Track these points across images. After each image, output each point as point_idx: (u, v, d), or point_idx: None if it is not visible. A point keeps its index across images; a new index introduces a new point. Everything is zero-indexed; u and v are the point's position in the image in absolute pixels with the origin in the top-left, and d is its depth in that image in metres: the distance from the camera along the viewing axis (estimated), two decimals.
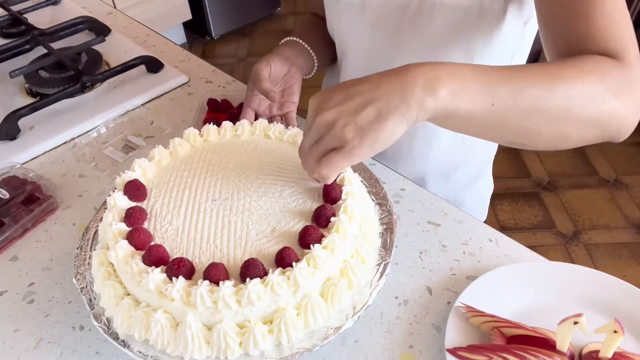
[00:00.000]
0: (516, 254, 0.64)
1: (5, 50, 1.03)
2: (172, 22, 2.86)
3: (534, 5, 0.65)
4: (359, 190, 0.62)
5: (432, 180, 0.86)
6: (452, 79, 0.46)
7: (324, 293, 0.52)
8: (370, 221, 0.61)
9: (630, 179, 2.10)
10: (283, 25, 3.27)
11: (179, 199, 0.60)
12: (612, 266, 1.78)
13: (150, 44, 1.12)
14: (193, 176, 0.63)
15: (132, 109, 0.92)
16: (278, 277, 0.49)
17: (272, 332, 0.50)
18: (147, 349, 0.51)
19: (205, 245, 0.54)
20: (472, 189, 0.91)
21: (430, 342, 0.56)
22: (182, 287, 0.49)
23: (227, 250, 0.54)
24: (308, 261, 0.50)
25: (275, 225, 0.56)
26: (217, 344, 0.49)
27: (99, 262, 0.56)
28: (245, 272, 0.49)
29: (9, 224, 0.68)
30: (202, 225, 0.57)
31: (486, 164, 0.93)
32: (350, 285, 0.54)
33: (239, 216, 0.57)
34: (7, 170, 0.76)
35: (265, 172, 0.62)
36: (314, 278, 0.50)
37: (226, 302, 0.48)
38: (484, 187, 0.96)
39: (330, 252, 0.52)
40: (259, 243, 0.54)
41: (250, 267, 0.49)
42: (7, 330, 0.59)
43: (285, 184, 0.61)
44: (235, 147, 0.67)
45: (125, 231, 0.55)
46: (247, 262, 0.50)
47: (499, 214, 1.99)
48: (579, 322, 0.47)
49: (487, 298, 0.56)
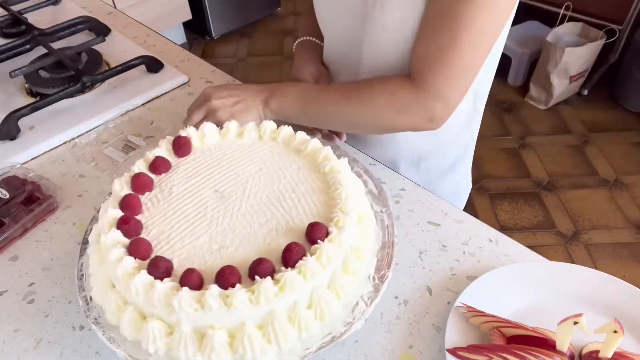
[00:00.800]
0: (516, 254, 0.64)
1: (5, 50, 1.03)
2: (172, 22, 2.86)
3: None
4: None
5: (403, 165, 0.87)
6: (280, 98, 0.74)
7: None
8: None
9: (630, 179, 2.10)
10: (283, 25, 3.27)
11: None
12: (612, 266, 1.78)
13: (150, 44, 1.12)
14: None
15: (132, 109, 0.92)
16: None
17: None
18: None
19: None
20: (445, 181, 0.91)
21: (430, 342, 0.56)
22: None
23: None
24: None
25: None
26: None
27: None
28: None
29: (9, 224, 0.68)
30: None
31: (461, 158, 0.92)
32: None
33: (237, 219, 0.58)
34: (7, 170, 0.76)
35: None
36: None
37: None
38: (460, 183, 0.95)
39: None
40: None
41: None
42: (7, 330, 0.59)
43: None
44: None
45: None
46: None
47: (499, 214, 1.99)
48: (579, 322, 0.47)
49: (487, 298, 0.56)
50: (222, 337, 0.48)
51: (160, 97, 0.95)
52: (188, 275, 0.50)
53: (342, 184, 0.59)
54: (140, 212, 0.59)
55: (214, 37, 3.11)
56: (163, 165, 0.64)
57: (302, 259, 0.51)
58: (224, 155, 0.67)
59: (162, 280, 0.50)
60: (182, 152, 0.66)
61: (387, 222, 0.63)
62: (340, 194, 0.58)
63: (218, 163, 0.65)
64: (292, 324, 0.50)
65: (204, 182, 0.63)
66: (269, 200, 0.60)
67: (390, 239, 0.61)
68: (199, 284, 0.50)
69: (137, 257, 0.53)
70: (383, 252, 0.59)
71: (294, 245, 0.51)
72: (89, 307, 0.55)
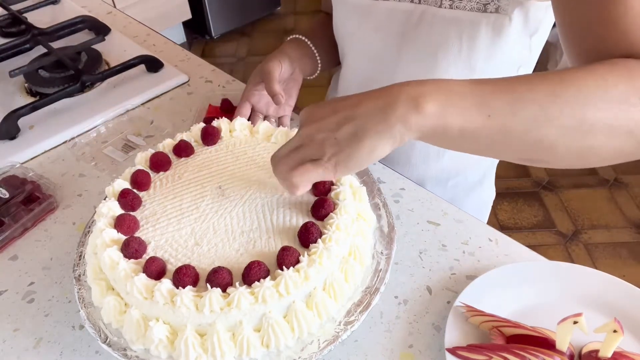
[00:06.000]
0: (516, 254, 0.64)
1: (5, 50, 1.03)
2: (172, 21, 2.86)
3: (540, 18, 0.64)
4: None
5: (430, 184, 0.85)
6: (439, 93, 0.44)
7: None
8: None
9: (630, 179, 2.10)
10: (283, 25, 3.27)
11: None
12: (612, 266, 1.79)
13: (150, 44, 1.12)
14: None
15: (132, 109, 0.92)
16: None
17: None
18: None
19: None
20: (472, 194, 0.90)
21: (430, 342, 0.56)
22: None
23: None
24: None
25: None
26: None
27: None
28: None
29: (8, 224, 0.68)
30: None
31: (489, 171, 0.92)
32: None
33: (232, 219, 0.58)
34: (6, 170, 0.76)
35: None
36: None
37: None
38: (485, 194, 0.94)
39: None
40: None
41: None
42: (7, 329, 0.59)
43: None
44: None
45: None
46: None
47: (499, 214, 1.99)
48: (579, 322, 0.47)
49: (486, 298, 0.56)
50: (161, 331, 0.49)
51: (160, 97, 0.95)
52: (151, 262, 0.51)
53: (335, 219, 0.54)
54: (147, 188, 0.61)
55: (214, 37, 3.11)
56: (185, 149, 0.66)
57: (259, 281, 0.48)
58: (245, 153, 0.66)
59: (129, 259, 0.52)
60: (208, 141, 0.67)
61: (382, 267, 0.57)
62: (332, 224, 0.54)
63: (235, 160, 0.65)
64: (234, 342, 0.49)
65: (213, 175, 0.63)
66: (262, 209, 0.58)
67: (376, 285, 0.55)
68: (158, 273, 0.51)
69: (120, 231, 0.55)
70: (363, 296, 0.54)
71: (256, 264, 0.49)
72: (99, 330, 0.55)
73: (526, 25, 0.65)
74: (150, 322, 0.49)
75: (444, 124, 0.44)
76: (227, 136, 0.68)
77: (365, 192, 0.62)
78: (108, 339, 0.52)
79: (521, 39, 0.67)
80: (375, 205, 0.64)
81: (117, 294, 0.53)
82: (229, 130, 0.69)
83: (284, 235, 0.55)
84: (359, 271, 0.56)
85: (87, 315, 0.54)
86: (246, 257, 0.53)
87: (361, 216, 0.59)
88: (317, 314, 0.51)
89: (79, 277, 0.58)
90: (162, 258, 0.53)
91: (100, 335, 0.52)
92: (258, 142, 0.68)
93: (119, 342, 0.52)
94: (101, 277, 0.54)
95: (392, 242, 0.59)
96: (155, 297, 0.48)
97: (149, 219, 0.58)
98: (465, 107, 0.43)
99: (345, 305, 0.53)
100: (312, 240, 0.52)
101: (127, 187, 0.60)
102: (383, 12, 0.70)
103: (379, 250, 0.59)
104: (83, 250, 0.61)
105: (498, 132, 0.44)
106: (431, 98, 0.43)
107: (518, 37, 0.66)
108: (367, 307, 0.53)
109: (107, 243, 0.53)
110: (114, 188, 0.60)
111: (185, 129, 0.70)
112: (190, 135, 0.68)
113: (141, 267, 0.51)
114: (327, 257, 0.51)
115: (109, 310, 0.52)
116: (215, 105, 0.87)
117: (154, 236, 0.56)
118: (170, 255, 0.54)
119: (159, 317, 0.49)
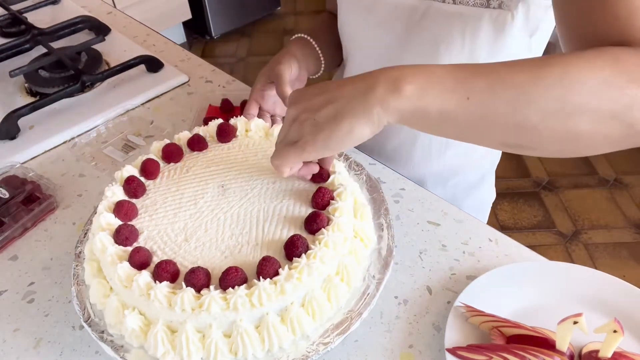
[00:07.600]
0: (516, 254, 0.64)
1: (5, 50, 1.03)
2: (172, 21, 2.86)
3: (540, 18, 0.64)
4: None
5: (430, 183, 0.86)
6: (418, 75, 0.43)
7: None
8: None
9: (630, 179, 2.10)
10: (283, 25, 3.27)
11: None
12: (612, 266, 1.79)
13: (150, 44, 1.12)
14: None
15: (132, 109, 0.92)
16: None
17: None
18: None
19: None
20: (472, 195, 0.90)
21: (430, 342, 0.56)
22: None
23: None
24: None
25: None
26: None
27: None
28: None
29: (8, 224, 0.68)
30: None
31: (488, 172, 0.92)
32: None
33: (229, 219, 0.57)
34: (6, 170, 0.76)
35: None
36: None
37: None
38: (485, 195, 0.95)
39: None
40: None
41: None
42: (6, 329, 0.59)
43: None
44: None
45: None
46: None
47: (499, 214, 1.99)
48: (579, 322, 0.47)
49: (486, 298, 0.56)
50: (134, 321, 0.49)
51: (160, 97, 0.95)
52: (135, 252, 0.51)
53: (326, 235, 0.52)
54: (154, 177, 0.62)
55: (214, 37, 3.11)
56: (199, 143, 0.66)
57: (234, 288, 0.48)
58: (255, 155, 0.64)
59: (119, 245, 0.53)
60: (222, 138, 0.67)
61: (370, 292, 0.54)
62: (320, 240, 0.52)
63: (244, 160, 0.64)
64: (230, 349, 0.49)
65: (219, 173, 0.62)
66: (257, 215, 0.56)
67: (359, 310, 0.53)
68: (142, 264, 0.51)
69: (118, 216, 0.56)
70: (344, 319, 0.52)
71: (233, 270, 0.48)
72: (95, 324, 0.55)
73: (527, 23, 0.65)
74: (126, 310, 0.50)
75: (424, 106, 0.44)
76: (242, 135, 0.68)
77: (369, 211, 0.61)
78: (90, 318, 0.53)
79: (522, 38, 0.67)
80: (379, 225, 0.61)
81: (104, 277, 0.54)
82: (245, 130, 0.68)
83: (272, 245, 0.53)
84: (345, 292, 0.53)
85: (77, 293, 0.56)
86: (230, 260, 0.52)
87: (359, 235, 0.58)
88: (291, 330, 0.50)
89: (79, 254, 0.60)
90: (150, 249, 0.53)
91: (84, 313, 0.54)
92: (271, 144, 0.64)
93: (99, 324, 0.53)
94: (94, 258, 0.55)
95: (387, 267, 0.56)
96: (133, 287, 0.49)
97: (148, 207, 0.58)
98: (444, 89, 0.43)
99: (324, 325, 0.51)
100: (296, 254, 0.51)
101: (135, 174, 0.61)
102: (387, 8, 0.71)
103: (371, 274, 0.56)
104: (89, 228, 0.62)
105: (477, 114, 0.44)
106: (410, 80, 0.43)
107: (519, 35, 0.66)
108: (344, 331, 0.51)
109: (102, 226, 0.54)
110: (122, 173, 0.61)
111: (186, 129, 0.70)
112: (207, 130, 0.68)
113: (127, 255, 0.52)
114: (308, 273, 0.49)
115: (95, 291, 0.54)
116: (215, 105, 0.87)
117: (148, 226, 0.56)
118: (158, 248, 0.54)
119: (135, 306, 0.50)
